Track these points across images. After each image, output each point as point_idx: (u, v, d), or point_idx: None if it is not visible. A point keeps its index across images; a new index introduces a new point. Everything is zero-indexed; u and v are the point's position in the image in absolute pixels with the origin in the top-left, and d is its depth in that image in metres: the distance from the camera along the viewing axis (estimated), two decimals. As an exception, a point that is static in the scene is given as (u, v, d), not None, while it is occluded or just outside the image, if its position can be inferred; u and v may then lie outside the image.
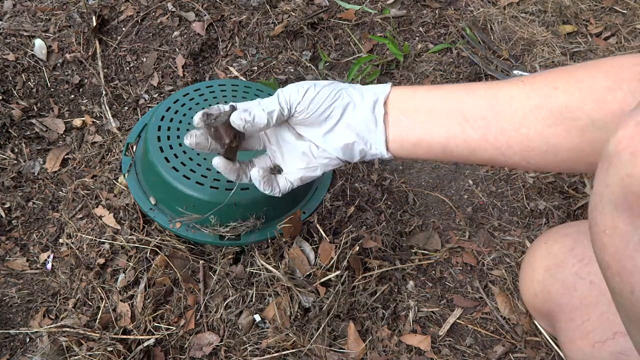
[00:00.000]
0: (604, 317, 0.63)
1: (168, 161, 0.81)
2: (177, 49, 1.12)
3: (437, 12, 1.27)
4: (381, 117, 0.60)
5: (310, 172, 0.64)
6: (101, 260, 0.84)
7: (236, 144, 0.64)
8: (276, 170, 0.67)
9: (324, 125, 0.61)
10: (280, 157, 0.67)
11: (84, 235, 0.87)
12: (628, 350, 0.60)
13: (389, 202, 0.97)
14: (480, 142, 0.56)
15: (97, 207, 0.90)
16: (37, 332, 0.78)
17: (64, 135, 1.01)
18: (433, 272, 0.91)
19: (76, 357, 0.75)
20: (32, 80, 1.05)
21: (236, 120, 0.60)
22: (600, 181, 0.35)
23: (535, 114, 0.53)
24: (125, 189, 0.90)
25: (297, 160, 0.65)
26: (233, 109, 0.62)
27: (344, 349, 0.80)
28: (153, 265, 0.83)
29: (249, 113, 0.60)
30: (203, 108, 0.72)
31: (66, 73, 1.07)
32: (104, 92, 1.06)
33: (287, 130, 0.65)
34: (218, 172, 0.79)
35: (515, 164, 0.57)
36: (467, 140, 0.57)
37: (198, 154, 0.82)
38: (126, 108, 1.07)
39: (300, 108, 0.60)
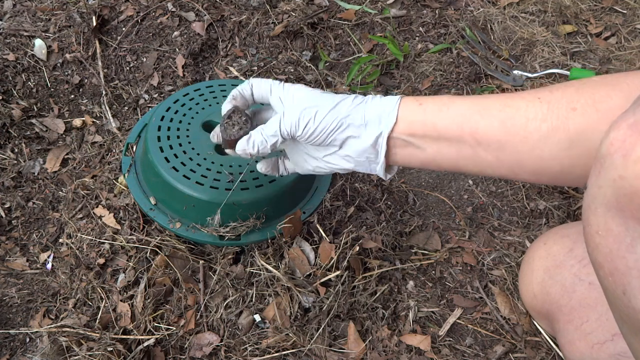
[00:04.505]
0: (603, 318, 0.64)
1: (168, 161, 0.81)
2: (177, 49, 1.12)
3: (437, 12, 1.27)
4: (383, 152, 0.60)
5: (318, 171, 0.68)
6: (101, 260, 0.84)
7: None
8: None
9: (325, 150, 0.63)
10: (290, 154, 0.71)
11: (84, 235, 0.87)
12: (627, 352, 0.60)
13: (389, 202, 0.97)
14: (493, 162, 0.55)
15: (97, 207, 0.90)
16: (37, 332, 0.79)
17: (64, 135, 1.01)
18: (433, 272, 0.91)
19: (76, 357, 0.75)
20: (32, 80, 1.05)
21: (240, 153, 0.64)
22: (592, 183, 0.35)
23: (551, 137, 0.51)
24: (125, 189, 0.90)
25: (305, 164, 0.68)
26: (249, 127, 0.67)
27: (344, 349, 0.80)
28: (153, 265, 0.83)
29: (253, 145, 0.63)
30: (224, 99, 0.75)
31: (66, 73, 1.07)
32: (104, 92, 1.06)
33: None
34: (218, 172, 0.80)
35: (525, 180, 0.56)
36: (477, 161, 0.57)
37: (198, 154, 0.82)
38: (126, 108, 1.07)
39: (301, 138, 0.62)
